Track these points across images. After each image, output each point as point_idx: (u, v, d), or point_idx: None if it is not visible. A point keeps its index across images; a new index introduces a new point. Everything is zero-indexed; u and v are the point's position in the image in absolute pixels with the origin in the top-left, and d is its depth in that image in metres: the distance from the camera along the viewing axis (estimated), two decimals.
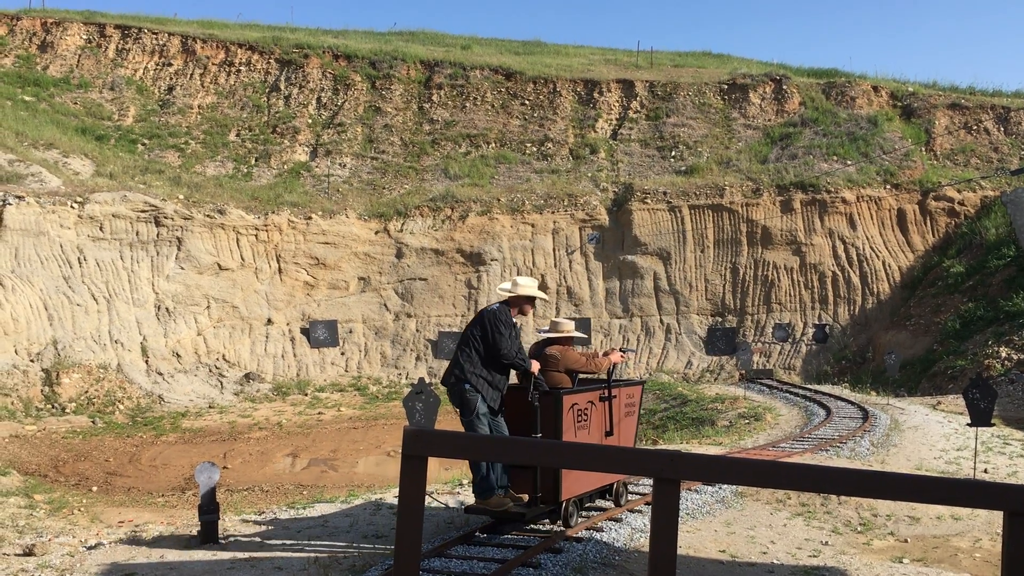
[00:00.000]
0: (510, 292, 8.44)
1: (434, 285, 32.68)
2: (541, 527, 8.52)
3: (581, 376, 9.13)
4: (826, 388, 25.86)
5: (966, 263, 30.50)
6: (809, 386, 26.94)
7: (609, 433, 8.72)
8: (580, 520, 8.59)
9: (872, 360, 30.12)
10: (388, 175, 36.84)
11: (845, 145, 35.98)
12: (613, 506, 9.39)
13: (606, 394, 8.69)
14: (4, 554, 8.32)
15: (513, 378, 8.57)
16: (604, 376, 8.99)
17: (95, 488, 16.75)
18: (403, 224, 33.36)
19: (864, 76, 42.55)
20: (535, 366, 8.13)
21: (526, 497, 7.97)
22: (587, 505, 9.34)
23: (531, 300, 8.56)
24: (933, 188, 33.62)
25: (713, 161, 36.25)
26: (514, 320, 8.23)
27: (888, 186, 33.90)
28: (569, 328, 8.95)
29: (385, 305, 32.58)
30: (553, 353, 8.60)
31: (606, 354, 8.96)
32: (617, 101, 40.14)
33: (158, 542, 8.66)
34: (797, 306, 32.81)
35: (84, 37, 41.43)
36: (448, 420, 9.91)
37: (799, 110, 38.91)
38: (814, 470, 3.38)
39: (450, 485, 11.65)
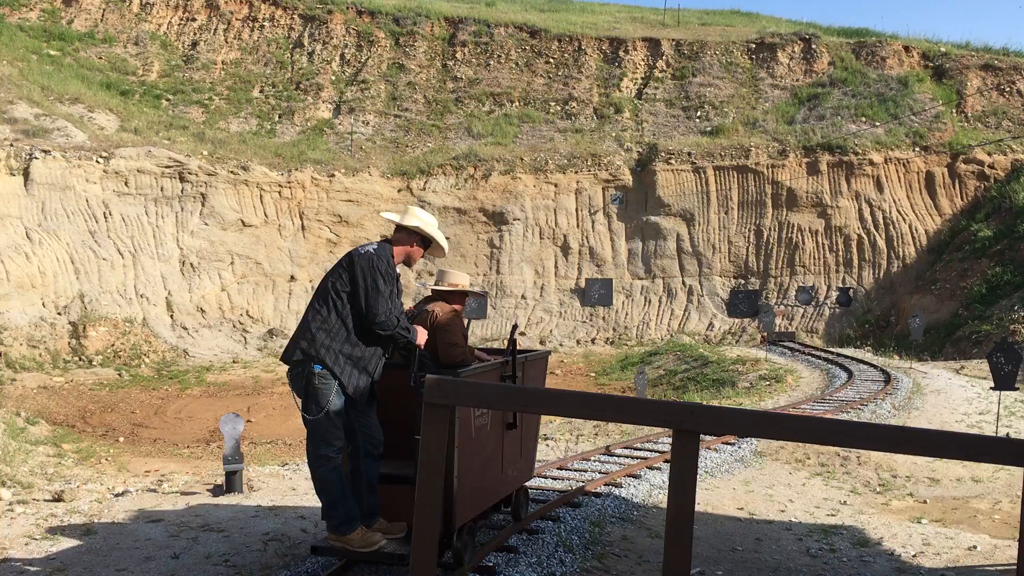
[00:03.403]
0: (399, 221, 5.83)
1: (456, 244, 32.68)
2: None
3: (479, 347, 6.88)
4: (849, 351, 25.76)
5: (995, 227, 30.09)
6: (831, 349, 26.84)
7: (512, 424, 6.41)
8: (474, 553, 6.10)
9: (896, 324, 29.92)
10: (411, 133, 36.73)
11: (874, 106, 35.43)
12: (512, 520, 7.09)
13: (509, 371, 6.38)
14: (34, 499, 8.51)
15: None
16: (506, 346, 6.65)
17: (122, 439, 17.03)
18: (426, 182, 33.31)
19: (895, 36, 41.74)
20: (421, 336, 5.70)
21: (404, 526, 5.63)
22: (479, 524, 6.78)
23: (425, 242, 5.89)
24: (963, 150, 33.09)
25: (739, 122, 35.84)
26: (398, 271, 5.74)
27: (917, 148, 33.41)
28: (462, 281, 6.53)
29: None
30: (435, 312, 6.18)
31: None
32: (643, 60, 39.67)
33: (184, 491, 8.83)
34: (821, 269, 32.57)
35: None
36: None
37: (828, 70, 38.30)
38: (834, 423, 3.38)
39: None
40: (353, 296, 5.45)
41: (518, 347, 6.54)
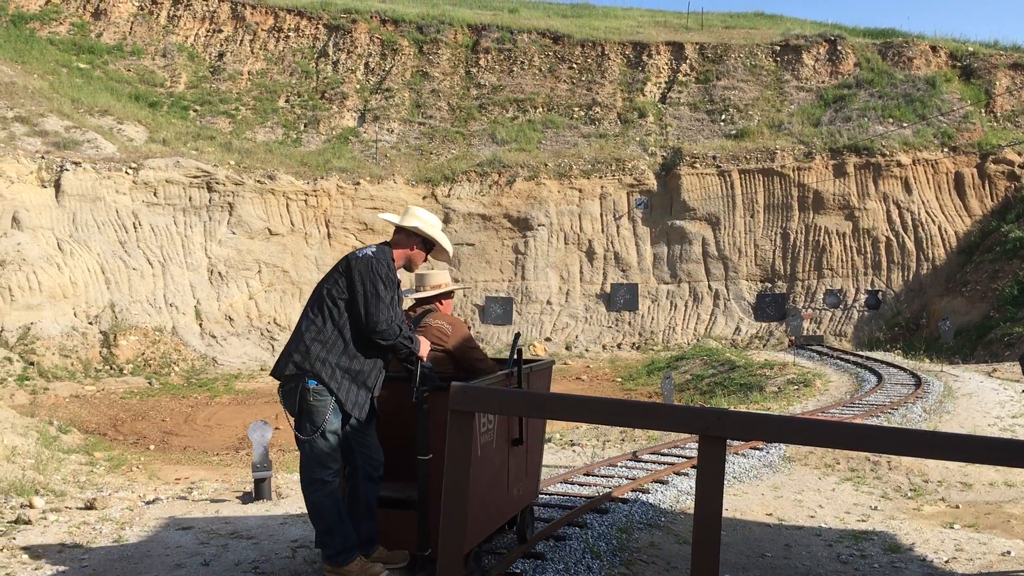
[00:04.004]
0: (397, 222, 5.34)
1: (481, 250, 32.74)
2: None
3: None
4: (878, 355, 25.48)
5: None
6: (860, 353, 26.57)
7: (518, 440, 5.80)
8: None
9: (926, 327, 29.59)
10: (435, 140, 36.87)
11: (901, 107, 35.10)
12: (517, 542, 6.51)
13: (515, 383, 5.75)
14: (67, 507, 8.61)
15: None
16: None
17: (152, 447, 17.20)
18: (450, 189, 33.41)
19: (922, 36, 41.34)
20: (424, 347, 5.18)
21: (407, 555, 5.25)
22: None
23: (427, 244, 5.36)
24: (992, 151, 32.69)
25: (764, 124, 35.65)
26: (398, 276, 5.20)
27: (945, 149, 33.06)
28: (444, 280, 6.02)
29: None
30: (441, 326, 5.76)
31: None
32: (666, 64, 39.58)
33: (213, 498, 8.89)
34: (849, 272, 32.28)
35: (136, 4, 41.87)
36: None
37: (854, 71, 38.01)
38: (863, 428, 3.35)
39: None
40: (351, 303, 4.95)
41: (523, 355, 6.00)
